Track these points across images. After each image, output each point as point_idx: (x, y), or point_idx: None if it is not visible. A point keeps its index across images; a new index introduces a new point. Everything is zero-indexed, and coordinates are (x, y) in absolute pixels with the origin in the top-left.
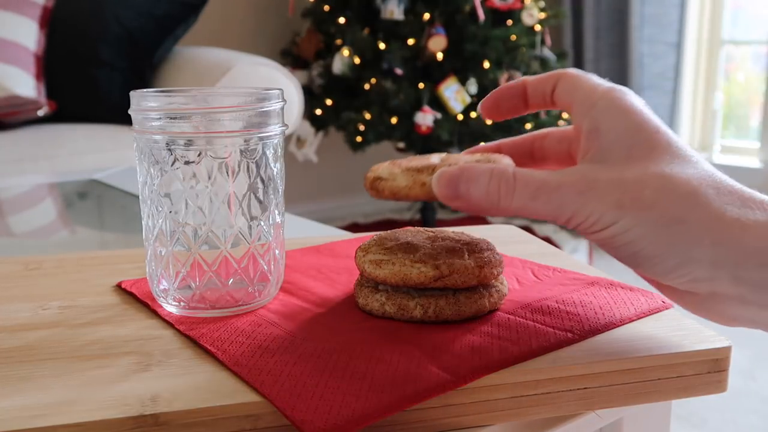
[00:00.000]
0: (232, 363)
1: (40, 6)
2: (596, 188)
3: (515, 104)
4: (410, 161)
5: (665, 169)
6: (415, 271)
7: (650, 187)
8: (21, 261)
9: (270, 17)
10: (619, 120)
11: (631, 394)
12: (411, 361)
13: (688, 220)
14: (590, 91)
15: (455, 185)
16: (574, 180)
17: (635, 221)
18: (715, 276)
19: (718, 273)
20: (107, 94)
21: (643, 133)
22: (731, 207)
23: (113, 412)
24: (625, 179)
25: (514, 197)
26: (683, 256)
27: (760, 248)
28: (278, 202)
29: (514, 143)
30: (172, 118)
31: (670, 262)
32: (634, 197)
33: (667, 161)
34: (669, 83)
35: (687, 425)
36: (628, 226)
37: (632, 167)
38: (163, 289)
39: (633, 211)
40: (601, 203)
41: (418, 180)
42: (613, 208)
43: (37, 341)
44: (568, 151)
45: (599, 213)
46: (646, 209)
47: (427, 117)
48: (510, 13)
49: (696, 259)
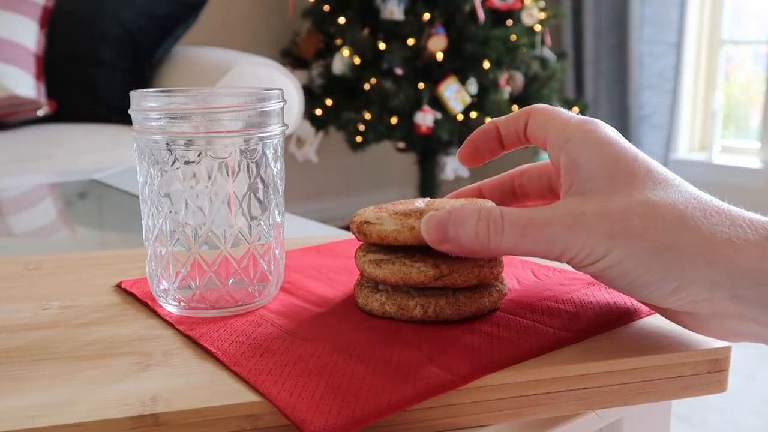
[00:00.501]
0: (232, 363)
1: (40, 6)
2: (584, 221)
3: (492, 147)
4: (395, 206)
5: (650, 196)
6: (415, 271)
7: (638, 216)
8: (21, 261)
9: (270, 17)
10: (596, 151)
11: (631, 394)
12: (411, 361)
13: (680, 244)
14: (563, 126)
15: (444, 229)
16: (561, 215)
17: (627, 251)
18: (713, 296)
19: (717, 293)
20: (107, 94)
21: (621, 162)
22: (720, 228)
23: (113, 412)
24: (612, 209)
25: (504, 237)
26: (680, 281)
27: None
28: (278, 202)
29: (493, 183)
30: (172, 118)
31: (668, 287)
32: (623, 227)
33: (650, 188)
34: (669, 83)
35: (687, 425)
36: (620, 257)
37: (616, 197)
38: (163, 289)
39: (623, 241)
40: (591, 236)
41: (407, 224)
42: (604, 240)
43: (37, 341)
44: (548, 185)
45: (590, 246)
46: (636, 238)
47: (427, 117)
48: (510, 13)
49: (693, 281)
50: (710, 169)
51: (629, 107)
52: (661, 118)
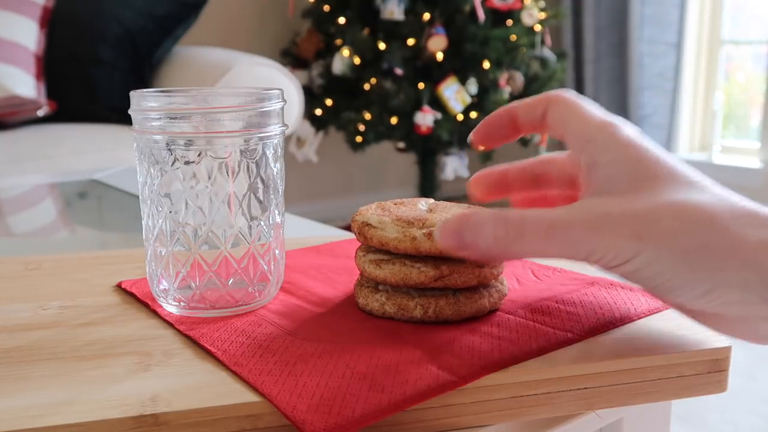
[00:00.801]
0: (232, 363)
1: (40, 6)
2: (609, 222)
3: (506, 132)
4: (398, 207)
5: (676, 198)
6: (416, 271)
7: (666, 217)
8: (21, 261)
9: (270, 17)
10: (618, 153)
11: (631, 394)
12: (411, 361)
13: (712, 246)
14: (584, 124)
15: (460, 236)
16: (584, 216)
17: (658, 253)
18: (745, 298)
19: (748, 296)
20: (107, 94)
21: (643, 164)
22: (750, 229)
23: (113, 412)
24: (638, 210)
25: (525, 240)
26: (712, 283)
27: None
28: (278, 202)
29: (519, 168)
30: (172, 118)
31: (699, 290)
32: (651, 229)
33: (676, 189)
34: (669, 83)
35: (687, 425)
36: (651, 259)
37: (640, 198)
38: (163, 289)
39: (653, 243)
40: (618, 237)
41: (409, 234)
42: (632, 241)
43: (37, 341)
44: (571, 177)
45: (617, 247)
46: (667, 239)
47: (427, 117)
48: (510, 13)
49: (725, 283)
50: (710, 169)
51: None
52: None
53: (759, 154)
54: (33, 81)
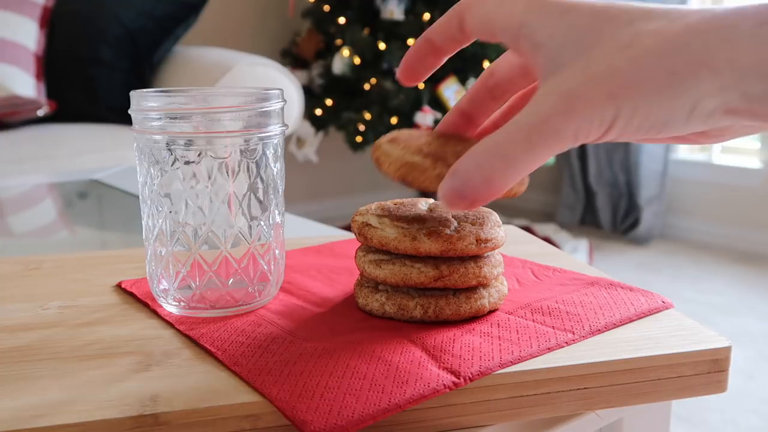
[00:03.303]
0: (232, 363)
1: (40, 6)
2: (577, 97)
3: (428, 59)
4: (398, 207)
5: (625, 38)
6: (415, 272)
7: (623, 63)
8: (21, 261)
9: (270, 17)
10: (554, 23)
11: (631, 394)
12: (411, 361)
13: (678, 66)
14: (510, 12)
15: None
16: (552, 102)
17: (634, 101)
18: (726, 101)
19: (727, 96)
20: (107, 94)
21: (583, 22)
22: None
23: (113, 412)
24: (597, 72)
25: (511, 160)
26: (692, 99)
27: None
28: (278, 202)
29: (469, 97)
30: (172, 118)
31: (683, 112)
32: (617, 82)
33: (621, 31)
34: None
35: (687, 425)
36: (632, 110)
37: (593, 58)
38: (163, 289)
39: (626, 94)
40: (593, 106)
41: (409, 234)
42: (607, 102)
43: (37, 341)
44: (524, 71)
45: (597, 115)
46: (634, 85)
47: (427, 117)
48: None
49: (704, 94)
50: (710, 169)
51: None
52: None
53: (759, 154)
54: (33, 81)
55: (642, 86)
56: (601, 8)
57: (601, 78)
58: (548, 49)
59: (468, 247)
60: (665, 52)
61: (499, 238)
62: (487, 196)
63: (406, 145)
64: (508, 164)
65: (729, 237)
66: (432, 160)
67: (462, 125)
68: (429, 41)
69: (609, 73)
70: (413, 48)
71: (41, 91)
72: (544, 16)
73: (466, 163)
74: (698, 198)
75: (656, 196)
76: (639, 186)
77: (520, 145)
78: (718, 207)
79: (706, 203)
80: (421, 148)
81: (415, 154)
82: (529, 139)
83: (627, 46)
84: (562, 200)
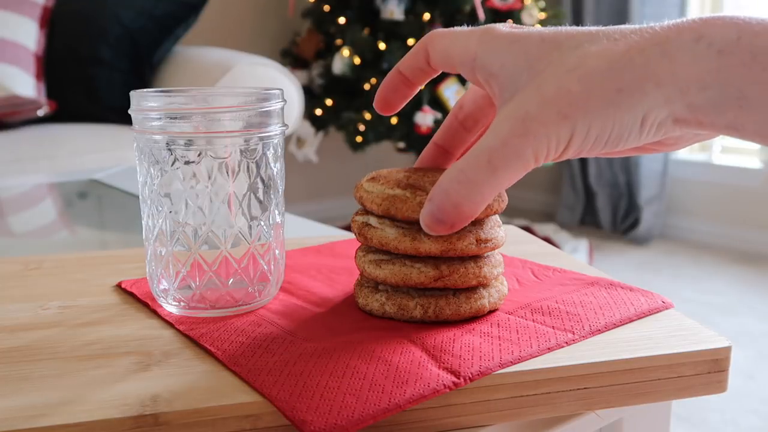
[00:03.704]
0: (232, 363)
1: (40, 6)
2: (533, 118)
3: (401, 90)
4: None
5: (572, 61)
6: (415, 272)
7: (573, 84)
8: (21, 261)
9: (270, 17)
10: (504, 54)
11: (631, 394)
12: (411, 361)
13: (624, 83)
14: (464, 45)
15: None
16: (509, 126)
17: (586, 119)
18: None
19: (674, 107)
20: (107, 94)
21: (531, 51)
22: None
23: (113, 412)
24: (549, 93)
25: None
26: (641, 112)
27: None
28: (278, 202)
29: (442, 132)
30: (172, 118)
31: (635, 125)
32: (568, 102)
33: (567, 56)
34: None
35: (687, 425)
36: (585, 128)
37: (544, 81)
38: (163, 289)
39: (578, 113)
40: (548, 126)
41: (409, 234)
42: (561, 122)
43: (37, 341)
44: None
45: (553, 134)
46: (585, 103)
47: (427, 117)
48: (510, 13)
49: (651, 107)
50: (710, 169)
51: None
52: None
53: (759, 154)
54: (33, 81)
55: (592, 104)
56: (549, 35)
57: (554, 100)
58: (501, 77)
59: (468, 247)
60: (611, 71)
61: (499, 238)
62: (460, 220)
63: (386, 181)
64: (471, 189)
65: (729, 237)
66: (411, 190)
67: (439, 158)
68: (400, 73)
69: (560, 94)
70: (386, 80)
71: (41, 91)
72: (495, 47)
73: (437, 190)
74: (698, 198)
75: (656, 196)
76: (639, 186)
77: (482, 170)
78: (718, 207)
79: (706, 203)
80: (401, 181)
81: (395, 188)
82: (491, 163)
83: (575, 67)
84: (562, 200)
